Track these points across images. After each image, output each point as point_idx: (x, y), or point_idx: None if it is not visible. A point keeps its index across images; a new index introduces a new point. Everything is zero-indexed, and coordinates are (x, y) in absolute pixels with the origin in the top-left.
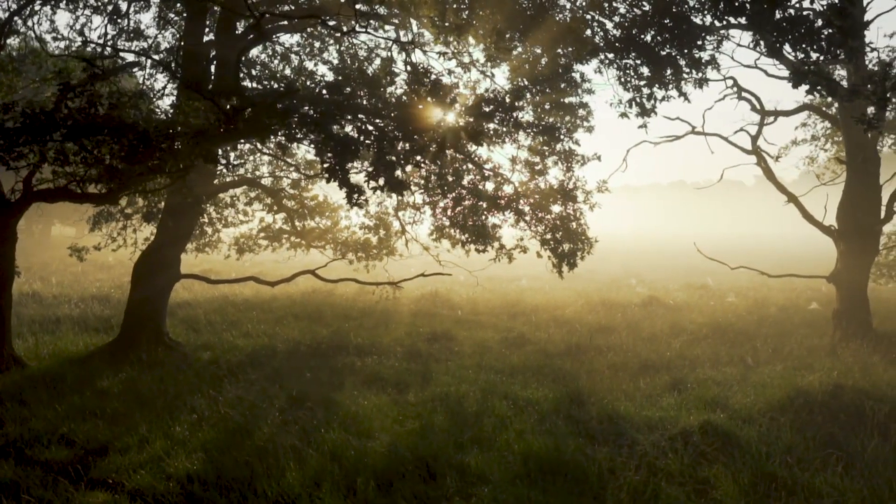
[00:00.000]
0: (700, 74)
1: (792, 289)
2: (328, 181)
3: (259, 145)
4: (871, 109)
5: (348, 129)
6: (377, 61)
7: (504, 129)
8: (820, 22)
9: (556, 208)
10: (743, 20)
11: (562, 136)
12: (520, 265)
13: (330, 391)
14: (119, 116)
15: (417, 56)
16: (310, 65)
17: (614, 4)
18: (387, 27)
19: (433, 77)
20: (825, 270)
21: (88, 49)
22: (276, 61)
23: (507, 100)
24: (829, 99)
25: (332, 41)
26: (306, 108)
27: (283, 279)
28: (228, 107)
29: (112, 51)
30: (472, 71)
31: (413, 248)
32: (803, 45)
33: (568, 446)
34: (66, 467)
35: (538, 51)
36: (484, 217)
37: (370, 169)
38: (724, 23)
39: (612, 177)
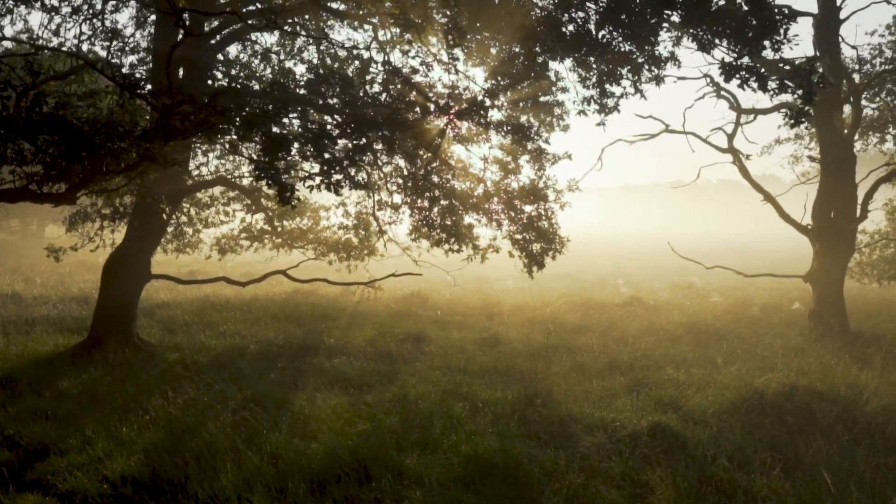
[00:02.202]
0: (658, 71)
1: (776, 288)
2: (256, 180)
3: (213, 144)
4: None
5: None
6: (356, 62)
7: (476, 130)
8: (743, 12)
9: (528, 208)
10: (676, 17)
11: (532, 135)
12: (507, 265)
13: (289, 392)
14: (64, 115)
15: (402, 57)
16: (289, 64)
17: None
18: (365, 26)
19: (403, 76)
20: None
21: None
22: (256, 61)
23: (480, 99)
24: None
25: (310, 41)
26: (252, 106)
27: (254, 279)
28: (161, 105)
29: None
30: (453, 71)
31: (395, 249)
32: (733, 40)
33: (514, 448)
34: (3, 469)
35: (515, 49)
36: (459, 215)
37: (316, 167)
38: (659, 18)
39: (585, 177)
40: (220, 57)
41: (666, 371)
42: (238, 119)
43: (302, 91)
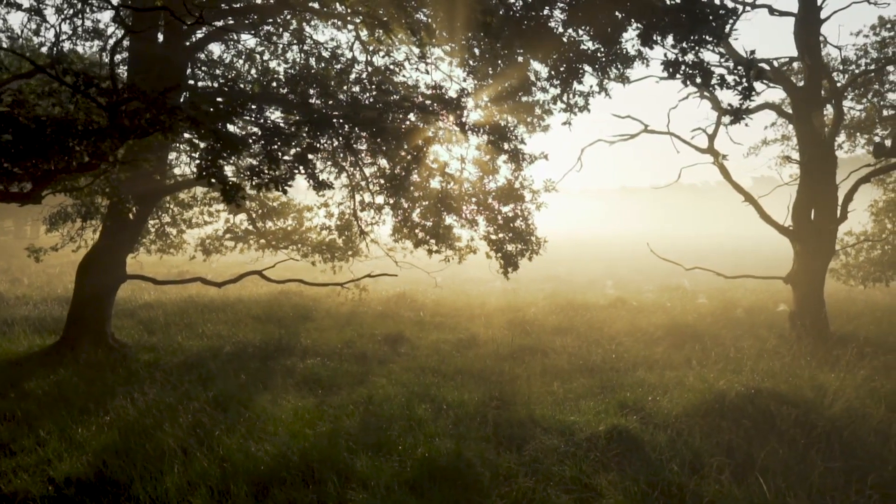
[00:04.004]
0: (623, 69)
1: (765, 290)
2: (197, 178)
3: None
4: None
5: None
6: (335, 62)
7: (453, 130)
8: (678, 5)
9: (505, 208)
10: (619, 13)
11: (509, 135)
12: (495, 267)
13: (255, 393)
14: (19, 113)
15: (385, 58)
16: (273, 64)
17: None
18: (349, 27)
19: (381, 75)
20: None
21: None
22: (240, 61)
23: (452, 96)
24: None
25: (295, 41)
26: (205, 104)
27: (229, 280)
28: (104, 102)
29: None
30: (424, 70)
31: (380, 250)
32: (675, 34)
33: (470, 451)
34: None
35: (498, 48)
36: (440, 216)
37: (258, 165)
38: (622, 14)
39: (565, 177)
40: (202, 57)
41: (636, 373)
42: (185, 117)
43: (284, 90)
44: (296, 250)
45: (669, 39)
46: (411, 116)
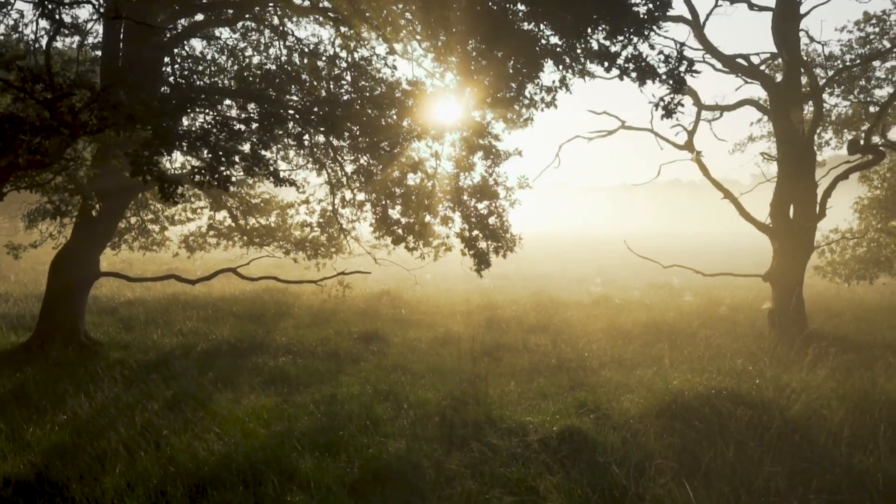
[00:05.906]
0: (586, 63)
1: (751, 287)
2: (132, 175)
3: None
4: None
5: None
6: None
7: (427, 127)
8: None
9: (480, 205)
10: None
11: (485, 132)
12: (469, 264)
13: (216, 392)
14: None
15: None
16: (256, 60)
17: None
18: (330, 22)
19: (355, 72)
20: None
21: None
22: (223, 57)
23: (430, 92)
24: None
25: (276, 37)
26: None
27: (203, 277)
28: (44, 98)
29: None
30: (391, 65)
31: (365, 246)
32: (606, 27)
33: (420, 451)
34: None
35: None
36: (420, 213)
37: (209, 161)
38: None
39: (542, 174)
40: (184, 52)
41: (603, 372)
42: (126, 114)
43: (262, 85)
44: (279, 247)
45: (601, 32)
46: (393, 113)
